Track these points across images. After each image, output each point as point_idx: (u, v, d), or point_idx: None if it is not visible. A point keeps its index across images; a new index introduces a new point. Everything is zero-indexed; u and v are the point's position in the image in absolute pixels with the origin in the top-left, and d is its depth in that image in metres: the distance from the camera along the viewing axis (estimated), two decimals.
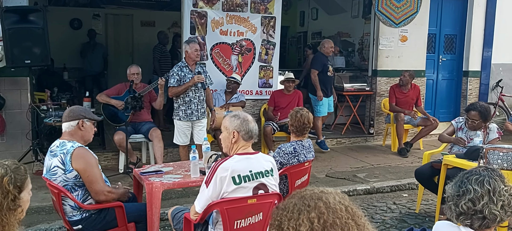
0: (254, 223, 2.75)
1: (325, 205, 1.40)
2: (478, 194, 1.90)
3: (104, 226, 3.16)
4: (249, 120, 2.82)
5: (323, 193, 1.45)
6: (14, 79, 5.88)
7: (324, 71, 7.08)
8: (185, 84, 5.45)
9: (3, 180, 1.65)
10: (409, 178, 5.86)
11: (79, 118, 3.16)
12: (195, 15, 6.69)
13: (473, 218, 1.92)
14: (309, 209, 1.40)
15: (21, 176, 1.72)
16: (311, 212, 1.39)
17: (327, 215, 1.38)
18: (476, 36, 8.64)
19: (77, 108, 3.28)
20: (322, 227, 1.37)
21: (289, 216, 1.41)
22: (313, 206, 1.40)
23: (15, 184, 1.68)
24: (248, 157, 2.73)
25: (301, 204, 1.42)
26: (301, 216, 1.39)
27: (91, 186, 3.05)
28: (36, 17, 5.41)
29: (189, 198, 5.11)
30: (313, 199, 1.42)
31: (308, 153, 3.81)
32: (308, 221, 1.38)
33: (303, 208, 1.41)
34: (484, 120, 4.54)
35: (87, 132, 3.20)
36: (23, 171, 1.75)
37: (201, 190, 2.73)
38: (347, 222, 1.39)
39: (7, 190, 1.65)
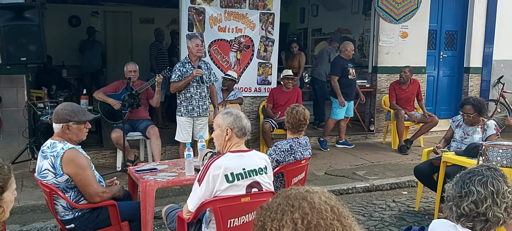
0: (248, 222, 2.69)
1: (309, 205, 1.35)
2: (482, 196, 1.82)
3: (97, 225, 3.11)
4: (242, 117, 2.77)
5: (308, 193, 1.40)
6: (10, 77, 5.84)
7: (345, 75, 7.01)
8: (185, 79, 5.40)
9: None
10: (409, 176, 5.80)
11: (63, 122, 3.01)
12: (193, 11, 6.63)
13: (475, 220, 1.84)
14: (293, 209, 1.35)
15: (4, 175, 1.67)
16: (295, 212, 1.34)
17: (311, 215, 1.33)
18: (477, 32, 8.57)
19: (62, 111, 3.05)
20: (306, 228, 1.32)
21: (272, 216, 1.36)
22: (297, 206, 1.35)
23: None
24: (241, 155, 2.68)
25: (285, 204, 1.37)
26: (285, 216, 1.34)
27: (85, 189, 2.98)
28: (32, 14, 5.35)
29: (185, 196, 5.03)
30: (298, 199, 1.37)
31: (305, 150, 3.75)
32: (292, 222, 1.33)
33: (286, 208, 1.36)
34: (478, 112, 4.49)
35: (74, 134, 3.05)
36: (6, 170, 1.69)
37: (194, 188, 2.68)
38: (332, 223, 1.33)
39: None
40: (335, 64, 7.16)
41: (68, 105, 3.13)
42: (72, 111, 3.04)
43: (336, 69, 7.04)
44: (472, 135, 4.54)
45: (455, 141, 4.70)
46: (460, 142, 4.64)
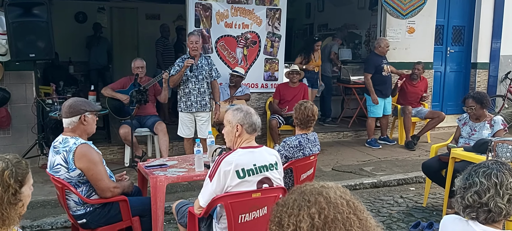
0: (259, 217, 2.71)
1: (325, 200, 1.37)
2: (484, 187, 1.88)
3: (109, 220, 3.14)
4: (252, 113, 2.78)
5: (323, 188, 1.41)
6: (19, 73, 5.88)
7: (379, 72, 6.99)
8: (179, 72, 5.43)
9: (4, 174, 1.62)
10: (416, 172, 5.81)
11: (80, 113, 3.05)
12: (199, 7, 6.64)
13: (479, 211, 1.90)
14: (309, 204, 1.36)
15: (22, 170, 1.70)
16: (312, 207, 1.36)
17: (328, 210, 1.35)
18: (485, 27, 8.51)
19: (76, 103, 3.10)
20: (323, 222, 1.34)
21: (289, 212, 1.38)
22: (313, 202, 1.37)
23: (16, 178, 1.66)
24: (252, 151, 2.69)
25: (301, 199, 1.39)
26: (301, 212, 1.36)
27: (97, 183, 3.01)
28: (40, 10, 5.38)
29: (194, 191, 5.09)
30: (313, 194, 1.39)
31: (314, 146, 3.76)
32: (309, 216, 1.35)
33: (303, 203, 1.38)
34: (480, 104, 4.51)
35: (90, 125, 3.12)
36: (24, 165, 1.72)
37: (205, 184, 2.70)
38: (348, 217, 1.35)
39: (8, 184, 1.62)
40: (368, 61, 7.13)
41: (78, 99, 3.20)
42: (85, 102, 3.14)
43: (369, 66, 7.01)
44: (479, 131, 4.54)
45: (462, 137, 4.70)
46: (467, 138, 4.64)
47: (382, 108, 7.11)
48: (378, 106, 7.05)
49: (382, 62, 7.03)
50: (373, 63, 7.00)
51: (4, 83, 5.80)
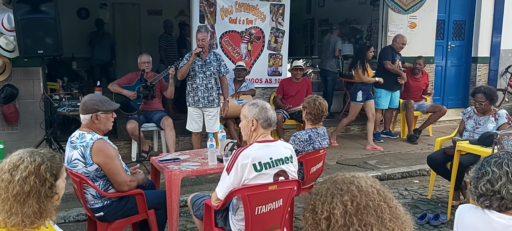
0: (274, 209, 2.79)
1: (357, 188, 1.45)
2: (496, 175, 1.96)
3: (125, 212, 3.21)
4: (267, 108, 2.85)
5: (354, 177, 1.49)
6: (26, 70, 5.93)
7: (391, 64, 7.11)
8: (187, 62, 5.49)
9: (41, 168, 1.69)
10: (419, 165, 5.91)
11: (92, 112, 3.12)
12: (204, 3, 6.69)
13: (492, 199, 1.98)
14: (342, 193, 1.44)
15: (57, 164, 1.76)
16: (344, 195, 1.43)
17: (360, 198, 1.43)
18: (485, 22, 8.61)
19: (90, 101, 3.15)
20: (356, 209, 1.41)
21: (322, 200, 1.46)
22: (346, 190, 1.44)
23: (52, 172, 1.72)
24: (268, 144, 2.76)
25: (333, 188, 1.47)
26: (335, 199, 1.44)
27: (114, 177, 3.08)
28: (48, 7, 5.41)
29: (202, 185, 5.17)
30: (345, 183, 1.47)
31: (323, 140, 3.84)
32: (342, 204, 1.42)
33: (336, 192, 1.45)
34: (490, 100, 4.58)
35: (103, 123, 3.16)
36: (58, 159, 1.79)
37: (222, 177, 2.77)
38: (379, 204, 1.43)
39: (44, 178, 1.69)
40: (385, 50, 7.27)
41: (95, 96, 3.23)
42: (99, 101, 3.15)
43: (387, 55, 7.15)
44: (484, 124, 4.62)
45: (467, 131, 4.78)
46: (472, 131, 4.71)
47: (388, 101, 7.20)
48: (385, 99, 7.13)
49: (396, 56, 7.14)
50: (390, 53, 7.13)
51: (12, 80, 5.85)
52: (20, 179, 1.65)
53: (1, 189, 1.65)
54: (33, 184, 1.65)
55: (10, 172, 1.66)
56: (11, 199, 1.64)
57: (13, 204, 1.63)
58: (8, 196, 1.64)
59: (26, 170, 1.66)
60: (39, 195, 1.66)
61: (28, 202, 1.65)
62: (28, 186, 1.65)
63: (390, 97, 7.23)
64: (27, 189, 1.65)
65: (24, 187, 1.64)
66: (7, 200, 1.64)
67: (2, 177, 1.66)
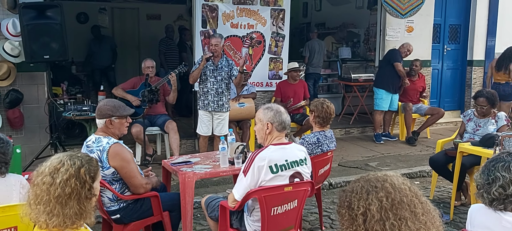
0: (289, 210, 2.88)
1: (391, 185, 1.55)
2: (507, 179, 2.07)
3: (141, 215, 3.28)
4: (282, 112, 2.94)
5: (387, 176, 1.59)
6: (31, 74, 5.96)
7: (393, 67, 7.22)
8: (198, 66, 5.56)
9: (80, 171, 1.76)
10: (420, 166, 6.04)
11: (106, 117, 3.19)
12: (206, 8, 6.77)
13: (506, 202, 2.08)
14: (377, 189, 1.54)
15: (94, 167, 1.84)
16: (379, 192, 1.54)
17: (394, 194, 1.53)
18: (480, 25, 8.79)
19: (105, 106, 3.24)
20: (391, 205, 1.51)
21: (358, 197, 1.56)
22: (381, 187, 1.54)
23: (90, 175, 1.80)
24: (283, 147, 2.85)
25: (368, 186, 1.57)
26: (370, 196, 1.54)
27: (130, 181, 3.14)
28: (54, 12, 5.47)
29: (208, 188, 5.25)
30: (379, 181, 1.57)
31: (331, 142, 3.94)
32: (377, 200, 1.52)
33: (371, 189, 1.56)
34: (491, 104, 4.71)
35: (117, 128, 3.23)
36: (95, 162, 1.86)
37: (239, 179, 2.85)
38: (412, 199, 1.54)
39: (84, 180, 1.76)
40: (395, 53, 7.38)
41: (109, 102, 3.30)
42: (113, 107, 3.22)
43: (398, 57, 7.28)
44: (484, 126, 4.74)
45: (467, 133, 4.90)
46: (472, 133, 4.84)
47: (388, 102, 7.34)
48: (385, 101, 7.27)
49: (400, 61, 7.28)
50: (399, 55, 7.30)
51: (16, 84, 5.88)
52: (61, 182, 1.72)
53: (43, 192, 1.72)
54: (74, 186, 1.73)
55: (52, 175, 1.74)
56: (52, 200, 1.71)
57: (54, 205, 1.71)
58: (49, 198, 1.71)
59: (66, 172, 1.73)
60: (79, 196, 1.74)
61: (69, 203, 1.72)
62: (69, 188, 1.72)
63: (390, 100, 7.36)
64: (68, 191, 1.72)
65: (65, 189, 1.72)
66: (48, 202, 1.71)
67: (43, 180, 1.73)
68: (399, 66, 7.20)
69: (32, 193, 1.75)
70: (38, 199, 1.73)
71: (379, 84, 7.35)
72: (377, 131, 7.44)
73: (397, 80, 7.28)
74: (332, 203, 4.91)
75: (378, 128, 7.49)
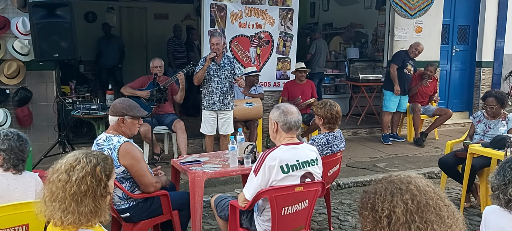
0: (300, 210, 2.87)
1: (416, 187, 1.52)
2: None
3: (150, 213, 3.28)
4: (288, 112, 2.88)
5: (410, 178, 1.56)
6: (40, 73, 5.99)
7: (402, 68, 7.21)
8: (202, 67, 5.56)
9: (96, 169, 1.76)
10: (428, 167, 6.01)
11: (119, 115, 3.20)
12: (214, 8, 6.77)
13: None
14: (402, 192, 1.51)
15: (109, 165, 1.84)
16: (404, 194, 1.50)
17: (420, 196, 1.50)
18: (489, 26, 8.72)
19: (120, 104, 3.25)
20: (416, 207, 1.48)
21: (382, 199, 1.52)
22: (405, 189, 1.51)
23: (105, 173, 1.80)
24: (295, 147, 2.84)
25: (392, 187, 1.53)
26: (395, 198, 1.51)
27: (140, 179, 3.14)
28: (63, 11, 5.48)
29: (215, 187, 5.25)
30: (404, 182, 1.54)
31: (340, 143, 3.92)
32: (402, 202, 1.49)
33: (395, 191, 1.52)
34: (501, 104, 4.68)
35: (128, 128, 3.24)
36: (110, 160, 1.86)
37: (250, 178, 2.84)
38: (437, 202, 1.51)
39: (99, 178, 1.77)
40: (397, 55, 7.38)
41: (125, 100, 3.30)
42: (128, 106, 3.22)
43: (397, 59, 7.27)
44: (494, 128, 4.71)
45: (477, 134, 4.87)
46: (482, 135, 4.80)
47: (396, 104, 7.31)
48: (393, 102, 7.24)
49: (408, 61, 7.23)
50: (400, 57, 7.25)
51: (25, 83, 5.91)
52: (77, 179, 1.72)
53: (58, 189, 1.72)
54: (90, 184, 1.73)
55: (67, 172, 1.74)
56: (68, 198, 1.71)
57: (70, 203, 1.71)
58: (65, 195, 1.72)
59: (82, 170, 1.74)
60: (94, 194, 1.74)
61: (84, 201, 1.72)
62: (85, 185, 1.72)
63: (399, 101, 7.33)
64: (84, 188, 1.72)
65: (81, 187, 1.72)
66: (64, 199, 1.72)
67: (59, 177, 1.74)
68: (392, 68, 7.20)
69: (47, 190, 1.76)
70: (54, 196, 1.73)
71: (387, 86, 7.32)
72: (385, 132, 7.42)
73: (406, 81, 7.25)
74: (340, 204, 4.90)
75: (386, 128, 7.47)
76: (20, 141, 2.65)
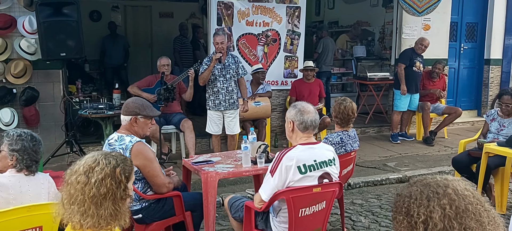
0: (317, 211, 2.80)
1: (454, 191, 1.42)
2: None
3: (163, 214, 3.22)
4: (305, 111, 2.81)
5: (447, 180, 1.47)
6: (47, 72, 5.94)
7: (410, 66, 7.14)
8: (208, 67, 5.51)
9: (116, 171, 1.70)
10: (439, 167, 5.94)
11: (132, 115, 3.14)
12: (221, 6, 6.71)
13: None
14: (439, 196, 1.41)
15: (129, 166, 1.78)
16: (442, 199, 1.41)
17: (459, 201, 1.40)
18: (498, 24, 8.64)
19: (133, 104, 3.19)
20: (455, 213, 1.39)
21: (418, 203, 1.43)
22: (443, 193, 1.42)
23: (125, 174, 1.74)
24: (312, 147, 2.78)
25: (428, 191, 1.44)
26: (432, 203, 1.41)
27: (153, 180, 3.08)
28: (70, 10, 5.44)
29: (225, 187, 5.19)
30: (440, 186, 1.44)
31: (354, 142, 3.86)
32: (440, 207, 1.40)
33: (431, 195, 1.42)
34: None
35: (140, 128, 3.18)
36: (129, 162, 1.80)
37: (266, 179, 2.78)
38: (477, 207, 1.41)
39: (119, 180, 1.70)
40: (404, 53, 7.31)
41: (138, 100, 3.25)
42: (141, 105, 3.16)
43: (404, 58, 7.19)
44: (508, 126, 4.64)
45: (491, 133, 4.80)
46: (496, 133, 4.74)
47: (407, 103, 7.24)
48: (403, 101, 7.17)
49: (416, 58, 7.15)
50: (407, 56, 7.17)
51: (32, 82, 5.87)
52: (97, 181, 1.66)
53: (77, 191, 1.67)
54: (109, 186, 1.67)
55: (86, 174, 1.68)
56: (87, 200, 1.65)
57: (89, 206, 1.65)
58: (84, 198, 1.66)
59: (102, 172, 1.68)
60: (114, 197, 1.67)
61: (104, 204, 1.66)
62: (105, 188, 1.66)
63: (410, 100, 7.25)
64: (103, 191, 1.66)
65: (101, 189, 1.66)
66: (83, 202, 1.66)
67: (78, 179, 1.68)
68: (399, 68, 7.15)
69: (65, 192, 1.70)
70: (72, 198, 1.67)
71: (397, 85, 7.24)
72: (394, 131, 7.35)
73: (416, 79, 7.17)
74: (352, 204, 4.83)
75: (396, 127, 7.40)
76: (34, 141, 2.61)
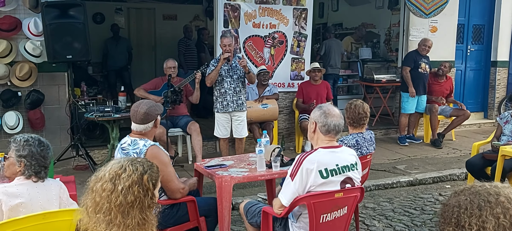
0: (339, 217, 2.72)
1: (507, 199, 1.36)
2: None
3: (177, 220, 3.14)
4: (330, 114, 2.74)
5: (497, 188, 1.40)
6: (52, 75, 5.87)
7: (415, 68, 7.08)
8: (216, 67, 5.45)
9: (143, 178, 1.62)
10: (449, 169, 5.87)
11: (155, 117, 3.05)
12: (228, 8, 6.64)
13: None
14: (491, 205, 1.35)
15: (155, 173, 1.69)
16: (495, 208, 1.34)
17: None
18: (505, 26, 8.59)
19: (151, 109, 3.03)
20: (509, 223, 1.32)
21: (468, 213, 1.36)
22: (495, 202, 1.35)
23: (152, 182, 1.65)
24: (334, 151, 2.70)
25: (479, 200, 1.37)
26: (484, 212, 1.35)
27: (167, 185, 3.00)
28: (77, 12, 5.37)
29: (234, 191, 5.07)
30: (491, 194, 1.38)
31: (370, 145, 3.78)
32: (493, 216, 1.33)
33: (483, 204, 1.36)
34: None
35: (157, 127, 3.13)
36: (156, 168, 1.72)
37: (286, 183, 2.70)
38: None
39: (147, 188, 1.62)
40: (407, 56, 7.27)
41: (148, 102, 3.12)
42: (155, 105, 3.10)
43: (408, 61, 7.15)
44: None
45: (505, 135, 4.74)
46: (510, 136, 4.67)
47: (414, 105, 7.18)
48: (411, 104, 7.11)
49: (422, 60, 7.09)
50: (411, 58, 7.12)
51: (37, 85, 5.79)
52: (124, 189, 1.58)
53: (103, 199, 1.58)
54: (137, 194, 1.58)
55: (112, 181, 1.59)
56: (114, 209, 1.57)
57: (116, 214, 1.57)
58: (110, 206, 1.57)
59: (129, 179, 1.59)
60: (142, 205, 1.59)
61: (131, 213, 1.58)
62: (132, 196, 1.58)
63: (417, 102, 7.18)
64: (130, 199, 1.58)
65: (128, 197, 1.57)
66: (109, 211, 1.57)
67: (103, 186, 1.59)
68: (404, 71, 7.11)
69: (90, 200, 1.61)
70: (98, 207, 1.58)
71: (404, 87, 7.18)
72: (402, 133, 7.28)
73: (423, 80, 7.11)
74: (364, 208, 4.76)
75: (403, 130, 7.33)
76: (42, 146, 2.52)
